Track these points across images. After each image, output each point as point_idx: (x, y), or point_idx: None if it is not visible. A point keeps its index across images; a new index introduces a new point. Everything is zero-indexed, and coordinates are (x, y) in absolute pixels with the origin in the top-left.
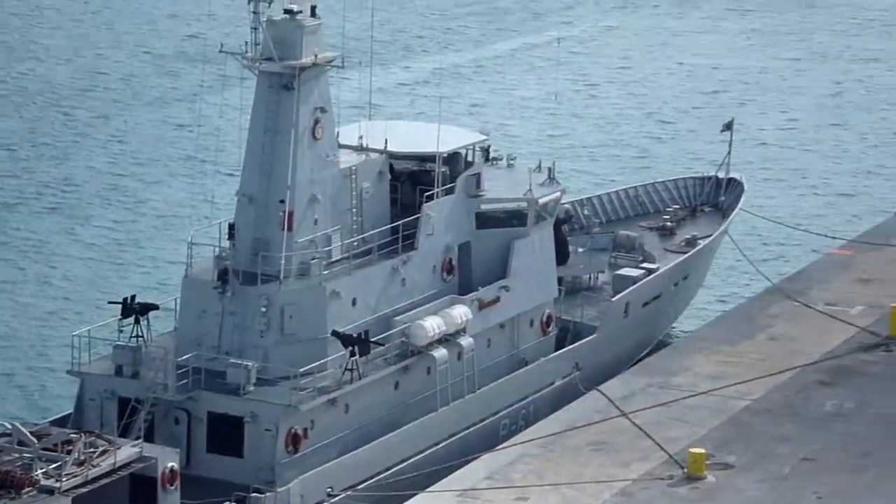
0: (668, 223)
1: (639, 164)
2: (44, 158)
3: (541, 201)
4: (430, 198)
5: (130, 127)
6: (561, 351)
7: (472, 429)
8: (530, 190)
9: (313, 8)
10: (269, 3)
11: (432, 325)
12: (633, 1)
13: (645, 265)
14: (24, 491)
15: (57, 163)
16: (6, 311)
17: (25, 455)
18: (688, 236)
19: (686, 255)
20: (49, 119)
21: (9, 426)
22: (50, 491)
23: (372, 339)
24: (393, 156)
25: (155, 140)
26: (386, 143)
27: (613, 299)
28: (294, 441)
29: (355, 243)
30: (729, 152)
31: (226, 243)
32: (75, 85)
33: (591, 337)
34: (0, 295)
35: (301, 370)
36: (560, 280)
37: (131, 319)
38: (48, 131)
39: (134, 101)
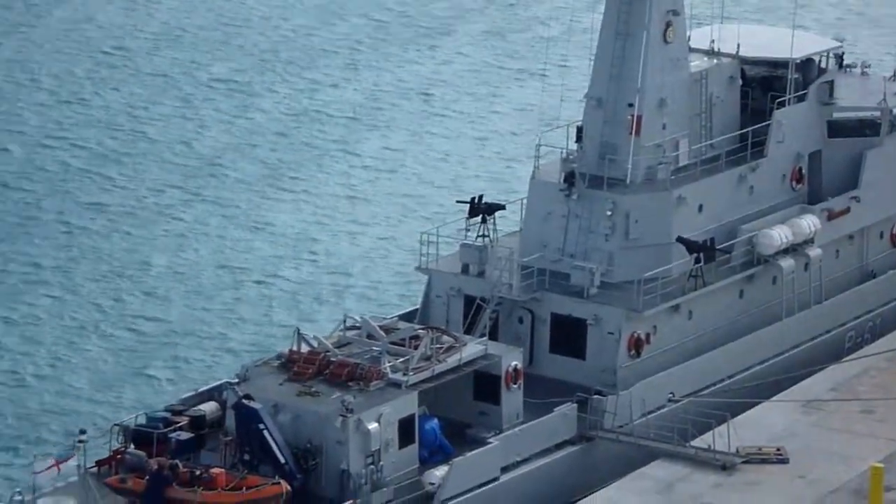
0: None
1: None
2: None
3: (895, 111)
4: (781, 104)
5: (479, 31)
6: None
7: (816, 340)
8: (884, 99)
9: None
10: None
11: (780, 234)
12: None
13: None
14: (372, 383)
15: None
16: (361, 210)
17: (374, 349)
18: None
19: None
20: None
21: (359, 319)
22: (397, 385)
23: (717, 247)
24: (744, 61)
25: (503, 40)
26: (738, 47)
27: None
28: (636, 345)
29: (703, 149)
30: None
31: (573, 146)
32: None
33: None
34: (355, 200)
35: (645, 275)
36: None
37: (478, 219)
38: None
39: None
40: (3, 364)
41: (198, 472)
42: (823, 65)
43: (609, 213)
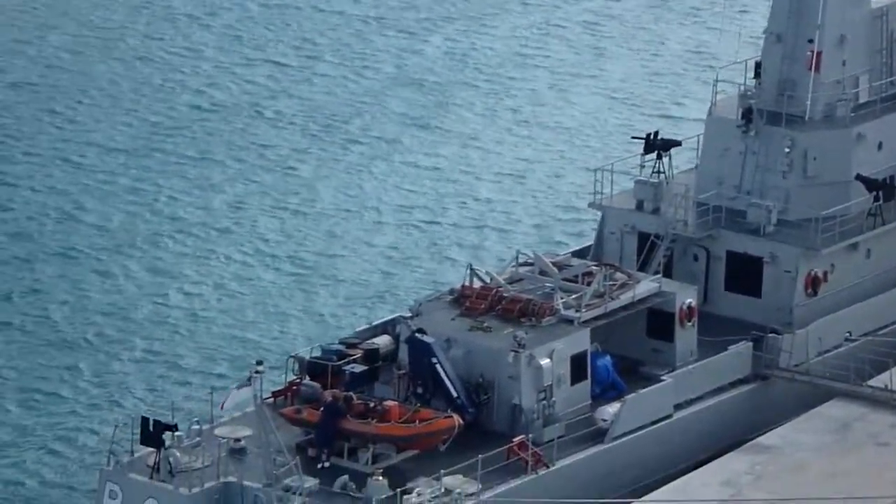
0: None
1: None
2: None
3: None
4: None
5: None
6: None
7: None
8: None
9: None
10: None
11: None
12: None
13: None
14: (544, 319)
15: None
16: (531, 146)
17: (547, 285)
18: None
19: None
20: None
21: (531, 256)
22: (570, 321)
23: None
24: None
25: None
26: None
27: None
28: (813, 284)
29: (884, 86)
30: None
31: (751, 82)
32: None
33: None
34: (525, 137)
35: (823, 213)
36: None
37: (653, 155)
38: None
39: None
40: (179, 299)
41: (371, 405)
42: None
43: (787, 150)
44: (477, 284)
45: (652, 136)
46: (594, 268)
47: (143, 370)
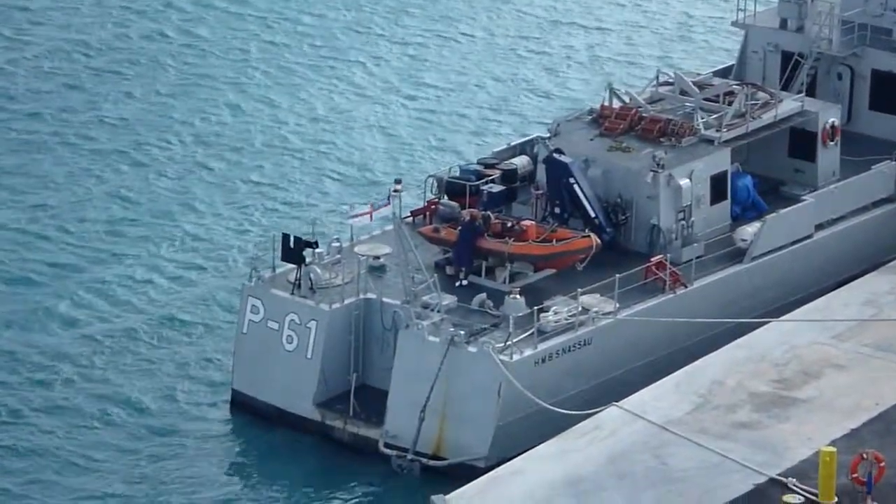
0: None
1: None
2: None
3: None
4: None
5: None
6: None
7: None
8: None
9: None
10: None
11: None
12: None
13: None
14: (684, 139)
15: None
16: None
17: (687, 104)
18: None
19: None
20: None
21: (672, 75)
22: (710, 141)
23: None
24: None
25: None
26: None
27: None
28: None
29: None
30: None
31: None
32: None
33: None
34: None
35: None
36: None
37: None
38: None
39: None
40: (325, 118)
41: (509, 224)
42: None
43: None
44: (616, 104)
45: None
46: (736, 87)
47: (284, 188)
